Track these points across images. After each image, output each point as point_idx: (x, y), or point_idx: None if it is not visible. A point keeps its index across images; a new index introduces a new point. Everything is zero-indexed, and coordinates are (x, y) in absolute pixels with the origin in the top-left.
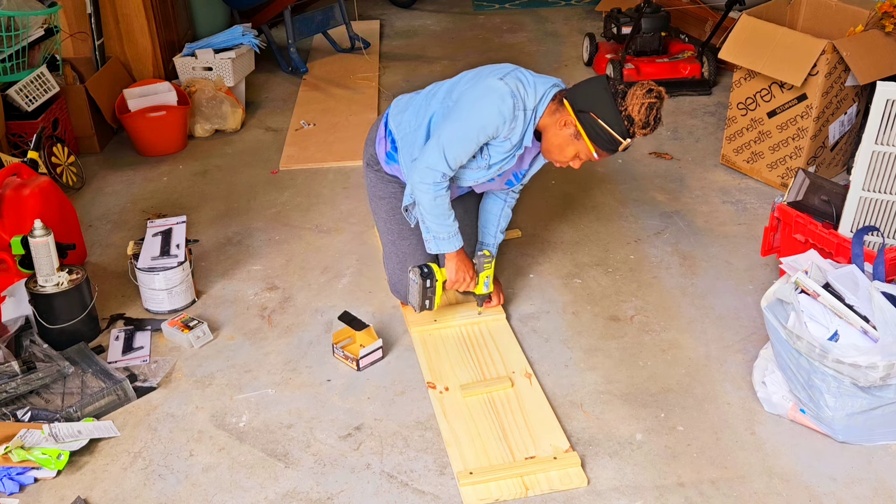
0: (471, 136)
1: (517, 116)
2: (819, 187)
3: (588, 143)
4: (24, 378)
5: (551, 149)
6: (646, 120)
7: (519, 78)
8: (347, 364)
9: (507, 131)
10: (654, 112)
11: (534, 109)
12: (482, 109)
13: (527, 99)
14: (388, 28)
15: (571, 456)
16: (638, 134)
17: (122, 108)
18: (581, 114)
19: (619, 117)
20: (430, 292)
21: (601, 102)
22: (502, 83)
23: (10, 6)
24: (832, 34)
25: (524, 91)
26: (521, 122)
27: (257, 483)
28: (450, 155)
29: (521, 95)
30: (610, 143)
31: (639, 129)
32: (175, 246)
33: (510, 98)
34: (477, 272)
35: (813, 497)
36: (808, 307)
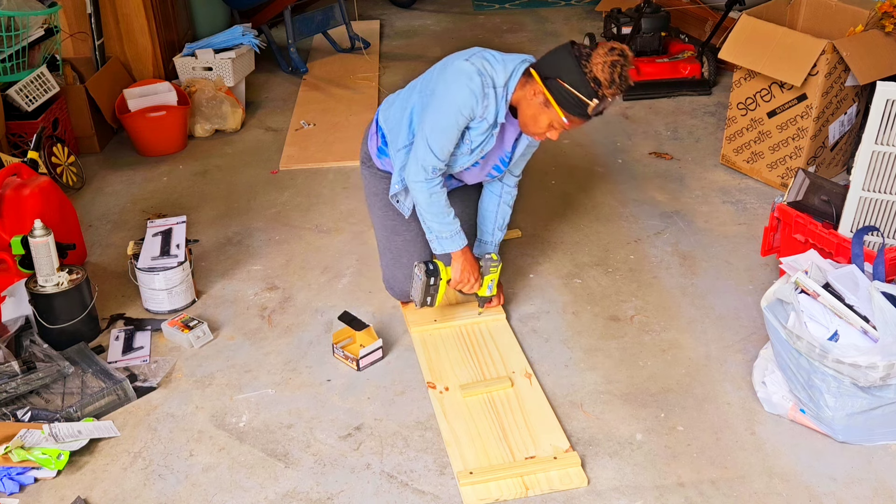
0: (450, 121)
1: (487, 94)
2: (819, 187)
3: (557, 109)
4: (24, 378)
5: (526, 121)
6: (610, 78)
7: (485, 57)
8: (347, 364)
9: (481, 110)
10: (617, 69)
11: (504, 86)
12: (454, 93)
13: (495, 76)
14: (388, 28)
15: (571, 456)
16: (605, 94)
17: (122, 108)
18: (548, 80)
19: (585, 79)
20: (432, 290)
21: (566, 67)
22: (468, 63)
23: (10, 6)
24: (832, 34)
25: (491, 69)
26: (492, 99)
27: (257, 483)
28: (435, 146)
29: (488, 73)
30: (578, 105)
31: (605, 90)
32: (175, 246)
33: (477, 76)
34: (482, 274)
35: (813, 497)
36: (808, 307)
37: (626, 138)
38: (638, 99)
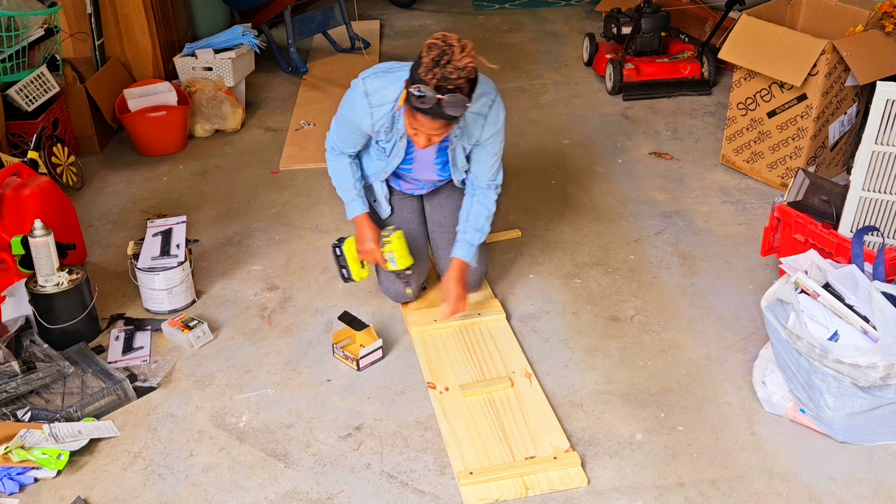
0: (342, 123)
1: (374, 112)
2: (819, 187)
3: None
4: (24, 378)
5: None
6: (428, 62)
7: (381, 74)
8: (347, 364)
9: (369, 125)
10: (434, 53)
11: (396, 99)
12: (344, 104)
13: (385, 92)
14: (388, 28)
15: (571, 456)
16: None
17: (122, 108)
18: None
19: (418, 71)
20: (341, 261)
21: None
22: (360, 81)
23: (10, 6)
24: (832, 34)
25: (384, 86)
26: (381, 114)
27: (257, 483)
28: (333, 135)
29: (377, 92)
30: (415, 97)
31: (425, 74)
32: (175, 246)
33: (361, 98)
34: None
35: (813, 497)
36: (808, 307)
37: (626, 138)
38: (638, 99)
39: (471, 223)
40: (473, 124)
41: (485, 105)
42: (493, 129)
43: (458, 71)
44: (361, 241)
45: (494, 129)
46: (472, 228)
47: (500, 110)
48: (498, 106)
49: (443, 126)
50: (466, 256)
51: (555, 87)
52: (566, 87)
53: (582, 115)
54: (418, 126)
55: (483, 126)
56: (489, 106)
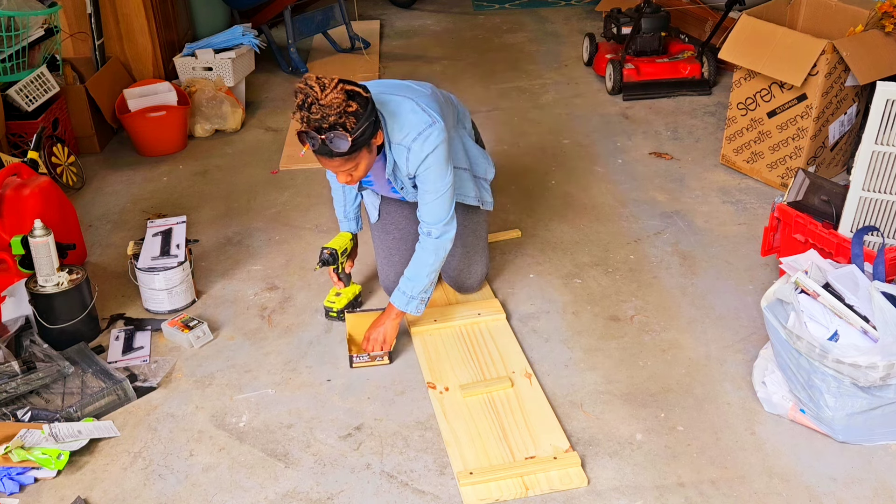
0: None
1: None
2: (819, 187)
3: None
4: (24, 378)
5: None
6: (296, 108)
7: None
8: (377, 364)
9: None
10: (300, 97)
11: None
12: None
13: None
14: (388, 28)
15: (571, 456)
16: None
17: (122, 108)
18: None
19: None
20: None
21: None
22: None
23: (10, 6)
24: (832, 34)
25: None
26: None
27: (257, 483)
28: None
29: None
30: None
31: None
32: (175, 246)
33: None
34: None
35: (813, 497)
36: (808, 307)
37: (626, 138)
38: (638, 99)
39: (409, 269)
40: (398, 155)
41: (407, 137)
42: (418, 161)
43: (325, 109)
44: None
45: (419, 161)
46: (407, 276)
47: (426, 143)
48: (425, 139)
49: (343, 162)
50: (397, 303)
51: (555, 87)
52: (566, 87)
53: (582, 115)
54: (327, 165)
55: (407, 158)
56: (413, 139)
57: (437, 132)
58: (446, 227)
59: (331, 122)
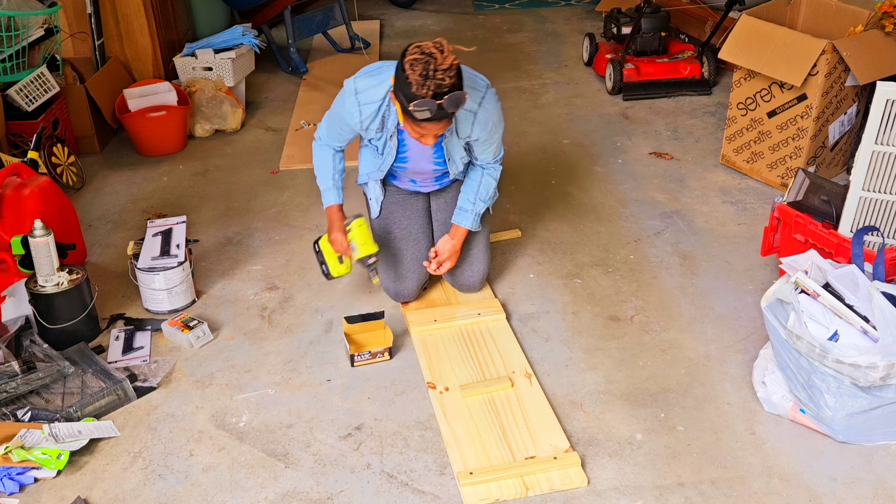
0: (333, 119)
1: (363, 110)
2: (819, 187)
3: (399, 113)
4: (24, 378)
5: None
6: (416, 77)
7: (373, 73)
8: (377, 362)
9: (359, 124)
10: (419, 69)
11: (384, 98)
12: (336, 101)
13: (373, 91)
14: (388, 28)
15: (571, 456)
16: (422, 93)
17: (122, 108)
18: (395, 86)
19: (407, 82)
20: (320, 256)
21: (397, 71)
22: (350, 81)
23: (10, 6)
24: (832, 34)
25: (372, 84)
26: (369, 113)
27: (257, 483)
28: (322, 127)
29: (364, 90)
30: (408, 111)
31: (419, 89)
32: (175, 246)
33: (351, 96)
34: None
35: (813, 497)
36: (808, 307)
37: (626, 138)
38: (638, 99)
39: (481, 195)
40: (464, 121)
41: (473, 102)
42: (486, 124)
43: (446, 73)
44: (330, 231)
45: (487, 124)
46: (482, 199)
47: (490, 106)
48: (488, 102)
49: (447, 122)
50: (474, 226)
51: (555, 87)
52: (566, 87)
53: (582, 115)
54: (424, 131)
55: (473, 123)
56: (478, 103)
57: (492, 91)
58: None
59: (451, 83)
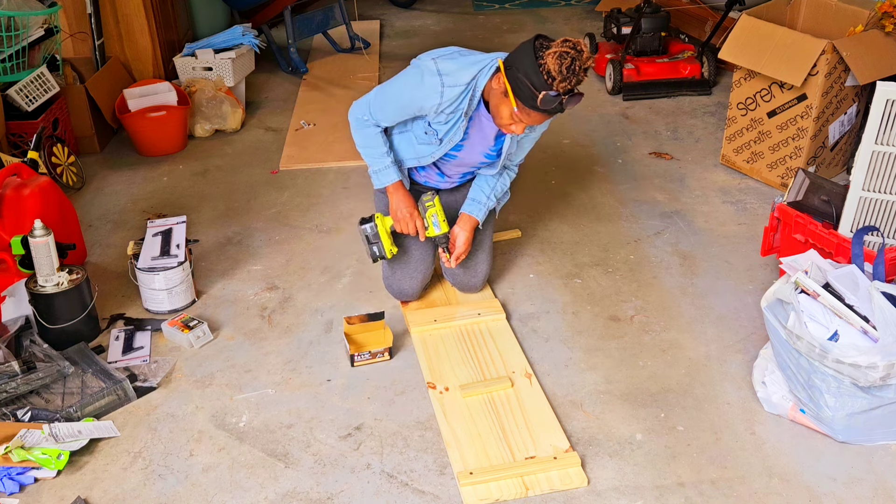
0: (393, 95)
1: (444, 93)
2: (819, 187)
3: (511, 98)
4: (24, 378)
5: (494, 113)
6: (558, 69)
7: (454, 57)
8: (377, 362)
9: (434, 107)
10: (566, 61)
11: (470, 83)
12: (407, 79)
13: (459, 75)
14: (388, 28)
15: (571, 456)
16: (557, 87)
17: (122, 108)
18: (509, 71)
19: (538, 70)
20: (373, 237)
21: (525, 57)
22: (432, 63)
23: (10, 6)
24: (832, 34)
25: (456, 68)
26: (451, 95)
27: (257, 483)
28: (373, 105)
29: (450, 73)
30: (530, 96)
31: (556, 83)
32: (175, 246)
33: (433, 76)
34: (421, 212)
35: (813, 497)
36: (808, 307)
37: (626, 138)
38: (638, 99)
39: (496, 191)
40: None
41: None
42: (546, 125)
43: (585, 73)
44: (399, 208)
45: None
46: (496, 195)
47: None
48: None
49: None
50: (483, 218)
51: None
52: None
53: (582, 115)
54: (529, 121)
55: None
56: None
57: None
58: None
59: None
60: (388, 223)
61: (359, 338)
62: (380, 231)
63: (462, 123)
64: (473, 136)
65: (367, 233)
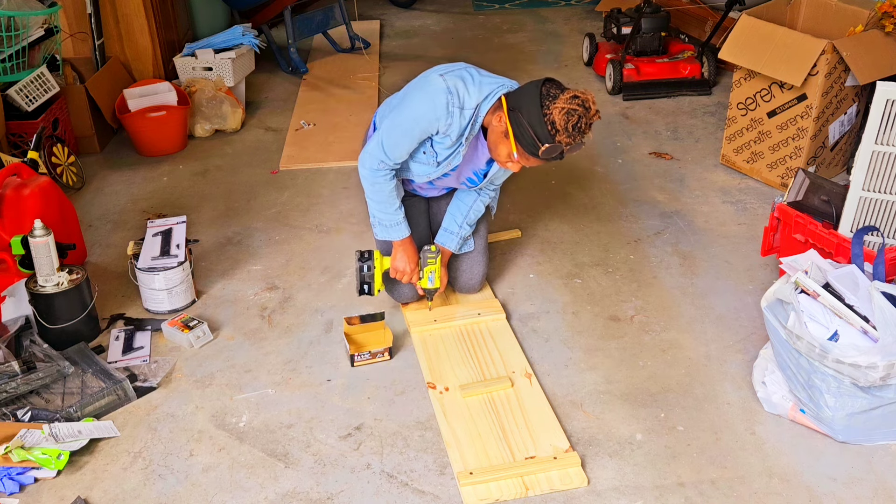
0: (405, 127)
1: (452, 113)
2: (819, 187)
3: (512, 142)
4: (24, 378)
5: (490, 146)
6: (564, 126)
7: (462, 76)
8: (377, 361)
9: (443, 127)
10: (573, 119)
11: (475, 108)
12: (417, 104)
13: (466, 97)
14: (388, 28)
15: (571, 456)
16: (560, 140)
17: (122, 108)
18: (512, 112)
19: (543, 120)
20: (367, 277)
21: (530, 103)
22: (441, 80)
23: (10, 6)
24: (832, 34)
25: (464, 88)
26: (457, 118)
27: (257, 483)
28: (386, 144)
29: (458, 93)
30: (531, 144)
31: (559, 136)
32: (175, 246)
33: (444, 95)
34: (421, 266)
35: (813, 497)
36: (808, 307)
37: (626, 138)
38: (638, 99)
39: (468, 218)
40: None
41: None
42: None
43: (590, 127)
44: (402, 262)
45: None
46: (468, 223)
47: None
48: None
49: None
50: (457, 249)
51: None
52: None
53: None
54: (526, 164)
55: None
56: None
57: None
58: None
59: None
60: (385, 265)
61: (359, 338)
62: (376, 272)
63: (462, 149)
64: (466, 158)
65: (363, 271)
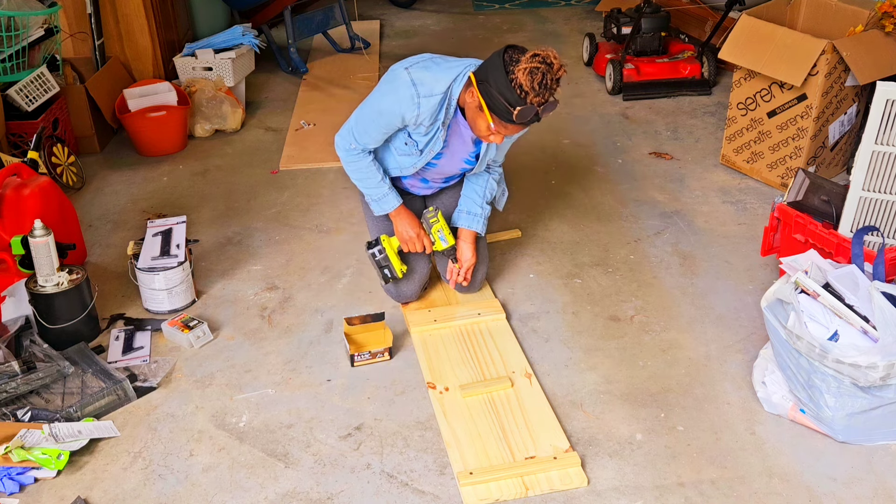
0: (371, 118)
1: (420, 103)
2: (819, 187)
3: (487, 113)
4: (24, 378)
5: (470, 124)
6: (530, 86)
7: (426, 66)
8: (377, 361)
9: (412, 118)
10: (538, 77)
11: (446, 91)
12: (382, 97)
13: (434, 83)
14: (388, 28)
15: (571, 456)
16: (531, 101)
17: (122, 108)
18: (481, 84)
19: (510, 85)
20: (382, 261)
21: (496, 71)
22: (406, 73)
23: (10, 6)
24: (832, 34)
25: (430, 77)
26: (428, 106)
27: (257, 483)
28: (356, 131)
29: (424, 83)
30: (504, 111)
31: (529, 97)
32: (175, 246)
33: (408, 88)
34: (427, 230)
35: (813, 497)
36: (808, 307)
37: (626, 138)
38: (638, 99)
39: (485, 196)
40: None
41: None
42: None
43: (558, 84)
44: (405, 230)
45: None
46: (487, 202)
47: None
48: None
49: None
50: (483, 229)
51: None
52: (566, 87)
53: (582, 115)
54: (507, 132)
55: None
56: None
57: None
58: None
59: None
60: (395, 244)
61: (359, 338)
62: (388, 254)
63: (441, 133)
64: (453, 144)
65: (377, 257)
